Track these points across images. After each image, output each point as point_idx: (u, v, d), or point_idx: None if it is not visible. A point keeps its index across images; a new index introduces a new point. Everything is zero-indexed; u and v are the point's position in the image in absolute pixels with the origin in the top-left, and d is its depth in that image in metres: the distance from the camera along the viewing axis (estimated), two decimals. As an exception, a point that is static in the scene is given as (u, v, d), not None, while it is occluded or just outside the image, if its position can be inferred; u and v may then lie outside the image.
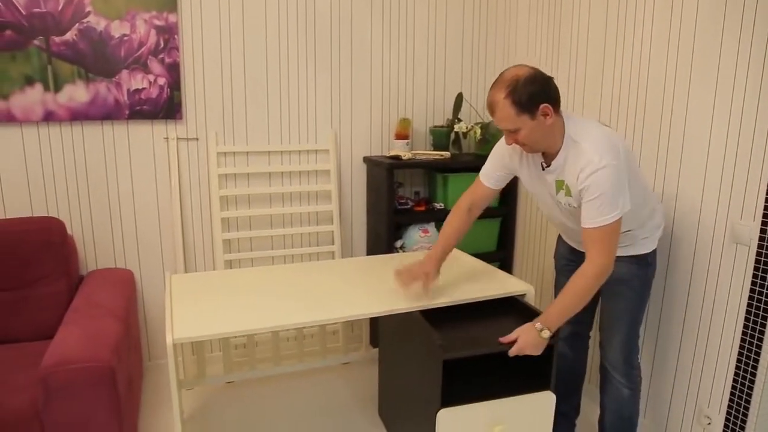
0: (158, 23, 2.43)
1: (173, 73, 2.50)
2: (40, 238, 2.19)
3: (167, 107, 2.52)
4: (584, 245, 1.63)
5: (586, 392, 2.30)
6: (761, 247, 1.73)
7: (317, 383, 2.67)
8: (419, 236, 2.73)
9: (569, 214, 1.75)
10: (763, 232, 1.72)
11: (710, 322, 1.93)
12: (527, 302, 1.91)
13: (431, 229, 2.76)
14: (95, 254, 2.56)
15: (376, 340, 2.77)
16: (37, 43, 2.29)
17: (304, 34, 2.68)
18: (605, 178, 1.54)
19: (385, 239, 2.70)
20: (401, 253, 2.70)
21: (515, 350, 1.64)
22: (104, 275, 2.42)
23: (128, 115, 2.47)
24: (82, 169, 2.47)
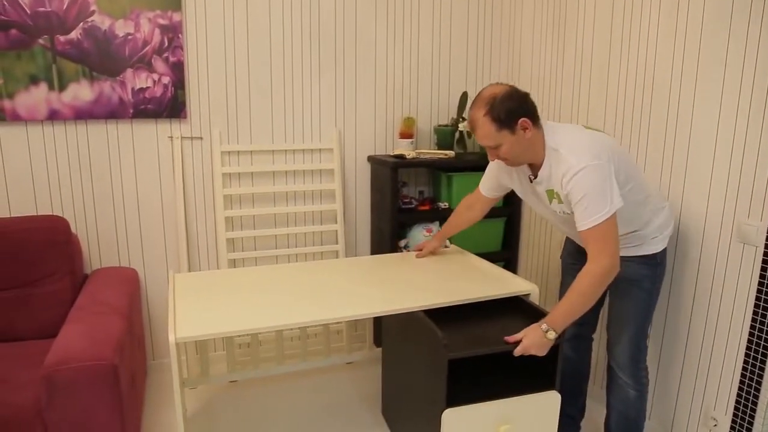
0: (162, 22, 2.43)
1: (177, 72, 2.50)
2: (44, 236, 2.19)
3: (171, 106, 2.52)
4: (585, 247, 1.65)
5: (591, 394, 2.29)
6: (769, 247, 1.72)
7: (321, 383, 2.67)
8: (423, 235, 2.72)
9: (565, 220, 1.77)
10: (770, 232, 1.71)
11: (717, 322, 1.92)
12: (532, 302, 1.90)
13: (435, 228, 2.75)
14: (99, 253, 2.56)
15: (379, 339, 2.76)
16: (41, 42, 2.29)
17: (308, 32, 2.68)
18: (585, 178, 1.57)
19: (389, 238, 2.69)
20: (405, 252, 2.69)
21: (520, 350, 1.64)
22: (108, 274, 2.43)
23: (132, 114, 2.47)
24: (86, 168, 2.47)
